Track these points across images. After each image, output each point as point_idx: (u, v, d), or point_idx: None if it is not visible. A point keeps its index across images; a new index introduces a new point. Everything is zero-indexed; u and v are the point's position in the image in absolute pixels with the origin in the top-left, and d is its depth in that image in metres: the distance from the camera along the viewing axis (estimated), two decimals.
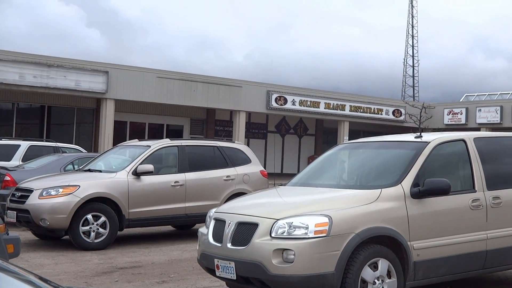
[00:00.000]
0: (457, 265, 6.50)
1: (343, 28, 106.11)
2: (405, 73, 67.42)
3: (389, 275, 5.95)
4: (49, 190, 10.28)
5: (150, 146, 11.46)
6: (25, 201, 10.34)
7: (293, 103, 33.92)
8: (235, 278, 5.99)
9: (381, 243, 5.95)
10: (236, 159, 12.39)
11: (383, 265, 5.90)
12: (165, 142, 11.84)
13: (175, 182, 11.30)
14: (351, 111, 36.18)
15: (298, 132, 39.41)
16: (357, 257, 5.73)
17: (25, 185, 10.88)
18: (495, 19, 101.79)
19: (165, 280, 7.95)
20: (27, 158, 15.78)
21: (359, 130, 38.56)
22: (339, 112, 35.72)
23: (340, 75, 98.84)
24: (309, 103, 34.49)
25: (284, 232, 5.69)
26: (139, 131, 32.46)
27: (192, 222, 12.23)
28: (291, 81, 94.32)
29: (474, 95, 44.46)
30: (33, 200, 10.26)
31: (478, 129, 35.08)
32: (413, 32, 66.31)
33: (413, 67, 67.00)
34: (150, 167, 10.87)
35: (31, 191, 10.45)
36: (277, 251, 5.65)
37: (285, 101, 33.66)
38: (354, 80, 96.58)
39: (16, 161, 15.87)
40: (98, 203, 10.40)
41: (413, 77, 66.99)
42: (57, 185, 10.38)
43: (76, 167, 13.62)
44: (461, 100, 44.41)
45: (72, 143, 25.13)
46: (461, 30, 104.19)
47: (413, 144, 6.88)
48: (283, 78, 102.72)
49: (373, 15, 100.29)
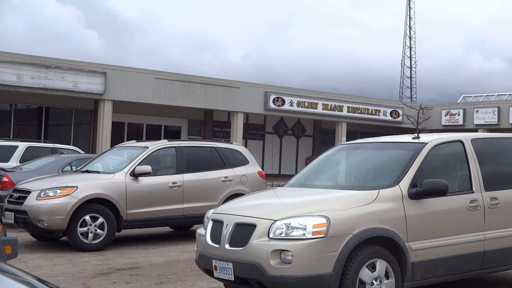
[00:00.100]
0: (455, 266, 6.50)
1: (340, 29, 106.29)
2: (402, 74, 67.49)
3: (387, 276, 5.95)
4: (47, 191, 10.27)
5: (148, 147, 11.45)
6: (23, 202, 10.33)
7: (291, 104, 33.93)
8: (233, 279, 5.98)
9: (379, 244, 5.95)
10: (234, 160, 12.39)
11: (381, 266, 5.91)
12: (163, 143, 11.83)
13: (173, 183, 11.29)
14: (348, 112, 36.21)
15: (296, 133, 39.41)
16: (355, 258, 5.73)
17: (23, 186, 10.87)
18: (493, 20, 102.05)
19: (163, 281, 7.95)
20: (25, 159, 15.78)
21: (357, 131, 38.61)
22: (337, 113, 35.74)
23: (337, 76, 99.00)
24: (307, 104, 34.50)
25: (282, 233, 5.69)
26: (137, 132, 32.46)
27: (190, 223, 12.22)
28: (289, 82, 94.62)
29: (471, 96, 44.56)
30: (31, 201, 10.24)
31: (475, 130, 35.09)
32: (410, 33, 66.39)
33: (411, 68, 67.08)
34: (148, 168, 10.86)
35: (29, 192, 10.44)
36: (275, 252, 5.64)
37: (283, 102, 33.67)
38: (351, 81, 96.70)
39: (14, 162, 15.88)
40: (96, 204, 10.39)
41: (411, 78, 67.07)
42: (55, 186, 10.36)
43: (74, 168, 13.60)
44: (458, 101, 44.51)
45: (70, 144, 25.16)
46: (459, 31, 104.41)
47: (411, 145, 6.88)
48: (281, 79, 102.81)
49: (371, 16, 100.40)
